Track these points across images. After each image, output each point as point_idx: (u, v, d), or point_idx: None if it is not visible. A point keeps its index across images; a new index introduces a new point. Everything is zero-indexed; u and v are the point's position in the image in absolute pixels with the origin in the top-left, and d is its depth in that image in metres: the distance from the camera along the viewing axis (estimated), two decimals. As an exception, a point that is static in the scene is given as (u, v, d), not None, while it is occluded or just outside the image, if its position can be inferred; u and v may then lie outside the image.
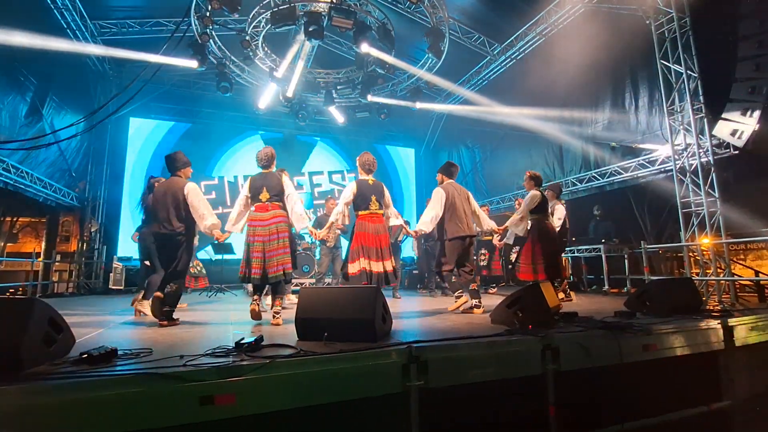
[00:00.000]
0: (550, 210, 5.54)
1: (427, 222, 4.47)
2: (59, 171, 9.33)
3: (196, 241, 6.38)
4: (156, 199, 3.98)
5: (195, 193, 3.91)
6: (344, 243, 8.03)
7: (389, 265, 4.15)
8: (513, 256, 7.20)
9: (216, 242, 7.23)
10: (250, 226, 3.92)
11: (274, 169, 4.16)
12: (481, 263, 7.43)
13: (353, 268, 4.04)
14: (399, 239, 7.18)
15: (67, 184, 9.69)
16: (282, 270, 3.83)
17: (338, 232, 6.60)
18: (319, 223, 6.91)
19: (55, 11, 7.75)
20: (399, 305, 5.57)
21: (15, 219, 12.76)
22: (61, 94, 8.66)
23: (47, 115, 8.17)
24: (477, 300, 4.43)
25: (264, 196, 3.93)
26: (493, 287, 7.40)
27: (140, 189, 10.80)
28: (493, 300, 5.11)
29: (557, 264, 5.11)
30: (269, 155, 4.11)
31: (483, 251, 7.47)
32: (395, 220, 4.52)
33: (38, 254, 10.32)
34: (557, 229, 5.55)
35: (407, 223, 5.53)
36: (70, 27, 8.21)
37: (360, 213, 4.24)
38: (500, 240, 6.84)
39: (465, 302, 4.45)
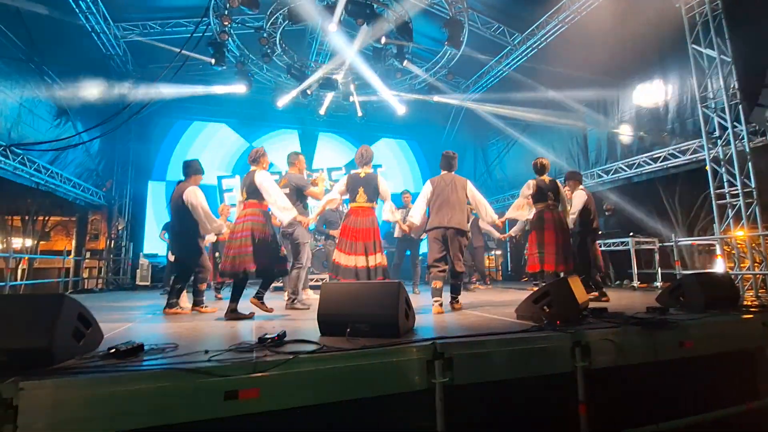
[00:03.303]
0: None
1: (414, 215, 4.49)
2: (87, 171, 9.62)
3: (207, 241, 6.52)
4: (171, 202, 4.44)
5: (193, 198, 4.20)
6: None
7: (363, 261, 4.03)
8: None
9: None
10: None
11: (265, 167, 4.13)
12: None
13: (339, 259, 4.15)
14: (421, 237, 7.03)
15: (94, 183, 9.99)
16: (238, 269, 3.71)
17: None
18: (326, 220, 6.86)
19: (80, 15, 7.95)
20: (419, 300, 5.52)
21: (47, 218, 13.25)
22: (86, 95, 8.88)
23: (74, 116, 8.40)
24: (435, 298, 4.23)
25: (242, 195, 4.02)
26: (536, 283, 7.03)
27: (164, 187, 11.08)
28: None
29: (569, 253, 4.74)
30: (254, 153, 4.11)
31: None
32: (389, 215, 4.51)
33: (69, 252, 10.68)
34: (573, 217, 5.27)
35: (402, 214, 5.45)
36: (95, 30, 8.42)
37: (350, 206, 4.31)
38: (502, 233, 6.70)
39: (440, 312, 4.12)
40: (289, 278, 4.76)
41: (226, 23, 8.17)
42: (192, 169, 4.49)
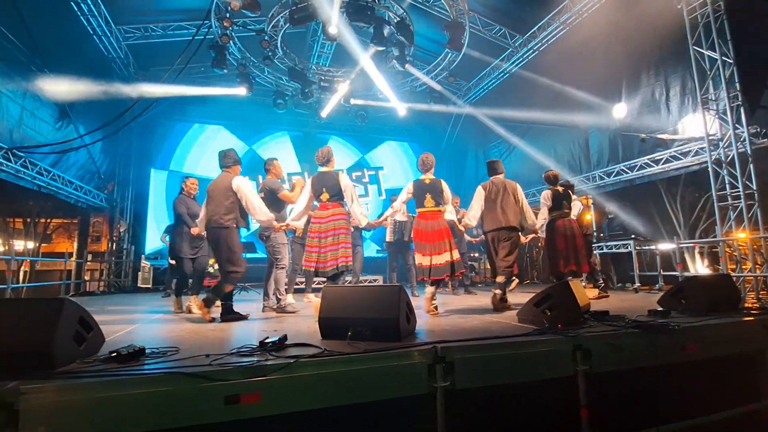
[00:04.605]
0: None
1: (470, 216, 4.73)
2: (89, 173, 9.63)
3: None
4: (209, 195, 4.09)
5: (245, 188, 4.03)
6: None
7: (440, 259, 4.19)
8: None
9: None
10: (312, 222, 4.19)
11: (334, 168, 4.30)
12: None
13: (417, 260, 4.38)
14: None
15: (96, 186, 10.00)
16: (335, 264, 4.02)
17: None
18: None
19: (81, 18, 7.99)
20: (419, 303, 5.50)
21: (49, 220, 13.26)
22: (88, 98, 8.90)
23: (75, 118, 8.42)
24: (500, 292, 4.49)
25: (324, 196, 4.13)
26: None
27: (165, 190, 11.09)
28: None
29: (579, 255, 5.22)
30: (324, 153, 4.27)
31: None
32: (448, 215, 4.61)
33: (71, 254, 10.70)
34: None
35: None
36: (96, 33, 8.45)
37: (418, 210, 4.47)
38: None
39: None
40: (275, 280, 4.81)
41: (228, 26, 8.19)
42: (230, 159, 4.21)
